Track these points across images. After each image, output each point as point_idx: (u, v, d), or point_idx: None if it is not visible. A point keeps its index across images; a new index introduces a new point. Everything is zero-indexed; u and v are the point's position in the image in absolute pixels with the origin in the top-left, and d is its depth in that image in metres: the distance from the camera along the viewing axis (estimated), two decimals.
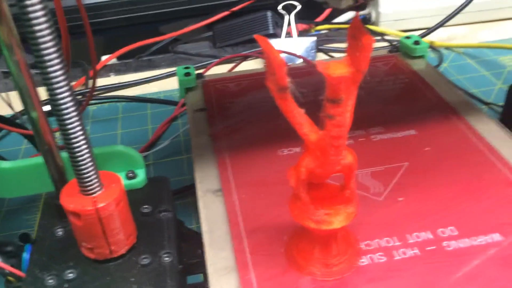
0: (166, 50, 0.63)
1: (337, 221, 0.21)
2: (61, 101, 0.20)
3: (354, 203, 0.21)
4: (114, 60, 0.62)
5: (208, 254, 0.24)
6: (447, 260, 0.23)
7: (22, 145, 0.48)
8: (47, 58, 0.19)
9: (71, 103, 0.20)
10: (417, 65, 0.40)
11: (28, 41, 0.18)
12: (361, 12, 0.66)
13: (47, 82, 0.19)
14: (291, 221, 0.25)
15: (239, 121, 0.35)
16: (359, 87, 0.18)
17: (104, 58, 0.62)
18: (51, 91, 0.19)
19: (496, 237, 0.24)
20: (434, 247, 0.24)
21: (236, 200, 0.27)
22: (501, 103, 0.47)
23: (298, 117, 0.19)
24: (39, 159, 0.27)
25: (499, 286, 0.22)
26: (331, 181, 0.22)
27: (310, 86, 0.37)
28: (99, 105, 0.55)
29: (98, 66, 0.59)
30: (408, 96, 0.36)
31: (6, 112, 0.50)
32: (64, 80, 0.19)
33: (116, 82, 0.57)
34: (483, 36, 0.62)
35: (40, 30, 0.18)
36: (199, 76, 0.40)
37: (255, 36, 0.19)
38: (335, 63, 0.16)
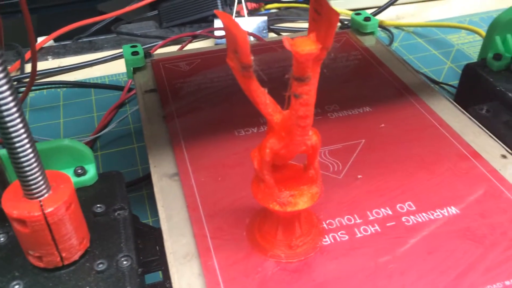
0: (108, 31, 0.61)
1: (302, 202, 0.21)
2: None
3: (318, 183, 0.22)
4: (51, 42, 0.59)
5: (167, 241, 0.24)
6: (407, 235, 0.24)
7: None
8: None
9: (8, 91, 0.18)
10: (368, 41, 0.41)
11: None
12: None
13: None
14: (252, 204, 0.25)
15: (193, 101, 0.34)
16: None
17: (39, 40, 0.59)
18: None
19: (452, 210, 0.25)
20: (393, 223, 0.25)
21: (194, 184, 0.27)
22: (451, 83, 0.49)
23: (262, 96, 0.19)
24: None
25: (458, 258, 0.23)
26: (292, 162, 0.22)
27: (264, 64, 0.37)
28: (37, 91, 0.52)
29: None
30: (362, 73, 0.37)
31: None
32: None
33: (55, 66, 0.55)
34: (430, 15, 0.65)
35: None
36: (147, 55, 0.39)
37: (216, 11, 0.18)
38: (302, 40, 0.16)
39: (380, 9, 0.62)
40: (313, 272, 0.22)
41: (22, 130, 0.19)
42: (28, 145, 0.19)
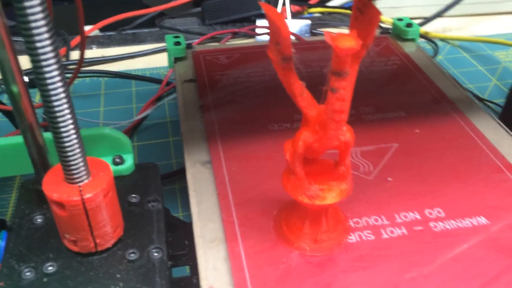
0: (152, 24, 0.63)
1: (331, 197, 0.22)
2: (48, 73, 0.18)
3: (348, 180, 0.22)
4: (96, 32, 0.62)
5: (196, 225, 0.25)
6: (434, 241, 0.24)
7: None
8: (32, 18, 0.17)
9: (58, 76, 0.18)
10: (408, 47, 0.42)
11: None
12: None
13: (31, 46, 0.17)
14: (281, 196, 0.26)
15: (230, 93, 0.36)
16: None
17: (86, 29, 0.62)
18: (35, 59, 0.18)
19: (482, 220, 0.26)
20: (421, 228, 0.25)
21: (225, 172, 0.28)
22: (497, 101, 0.49)
23: (299, 89, 0.20)
24: (18, 139, 0.26)
25: (483, 268, 0.23)
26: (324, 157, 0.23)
27: (303, 63, 0.38)
28: (80, 79, 0.54)
29: (79, 37, 0.59)
30: (399, 78, 0.38)
31: None
32: (50, 45, 0.18)
33: (99, 55, 0.57)
34: (478, 30, 0.64)
35: None
36: (189, 46, 0.41)
37: (261, 3, 0.20)
38: (343, 35, 0.17)
39: (427, 20, 0.62)
40: (337, 267, 0.23)
41: (69, 116, 0.20)
42: (73, 131, 0.20)
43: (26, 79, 0.22)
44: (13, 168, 0.28)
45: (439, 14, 0.61)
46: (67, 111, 0.19)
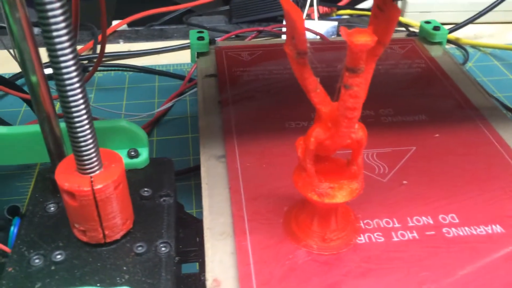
0: (179, 21, 0.64)
1: (340, 196, 0.22)
2: (63, 65, 0.19)
3: (359, 179, 0.22)
4: (124, 26, 0.64)
5: (206, 218, 0.26)
6: (445, 246, 0.24)
7: (22, 107, 0.49)
8: (50, 14, 0.17)
9: (74, 69, 0.19)
10: (435, 51, 0.42)
11: None
12: None
13: (49, 42, 0.18)
14: (292, 193, 0.27)
15: (250, 90, 0.36)
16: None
17: (114, 23, 0.63)
18: (52, 53, 0.18)
19: (497, 228, 0.25)
20: (433, 233, 0.25)
21: (239, 167, 0.29)
22: None
23: (313, 84, 0.20)
24: (38, 127, 0.26)
25: (495, 277, 0.23)
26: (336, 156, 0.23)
27: (324, 63, 0.38)
28: (105, 72, 0.56)
29: (108, 31, 0.61)
30: (423, 81, 0.38)
31: (12, 69, 0.52)
32: (68, 41, 0.18)
33: (125, 50, 0.58)
34: (510, 38, 0.63)
35: None
36: (212, 42, 0.41)
37: None
38: (359, 31, 0.17)
39: (458, 26, 0.61)
40: (344, 267, 0.23)
41: (83, 106, 0.20)
42: (86, 121, 0.20)
43: (48, 70, 0.23)
44: (33, 156, 0.29)
45: (471, 21, 0.60)
46: (81, 101, 0.20)
